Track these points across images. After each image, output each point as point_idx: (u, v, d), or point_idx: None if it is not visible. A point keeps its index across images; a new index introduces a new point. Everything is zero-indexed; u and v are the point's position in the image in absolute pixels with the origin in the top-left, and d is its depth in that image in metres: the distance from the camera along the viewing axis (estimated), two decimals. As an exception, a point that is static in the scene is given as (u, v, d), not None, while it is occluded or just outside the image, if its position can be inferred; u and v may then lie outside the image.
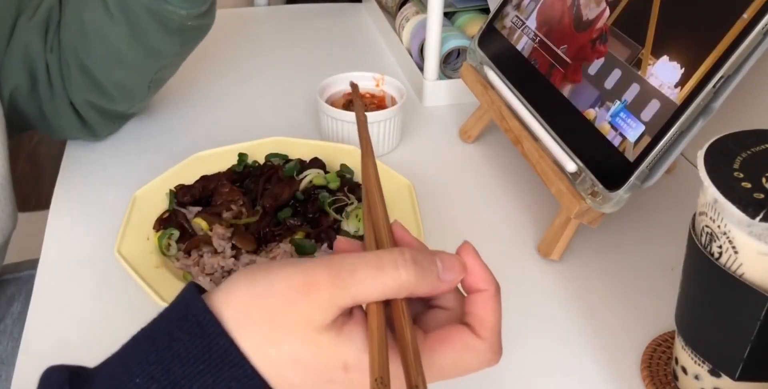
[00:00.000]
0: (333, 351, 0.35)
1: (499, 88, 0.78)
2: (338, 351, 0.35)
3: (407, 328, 0.36)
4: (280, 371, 0.36)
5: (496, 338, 0.39)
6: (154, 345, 0.36)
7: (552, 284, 0.68)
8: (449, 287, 0.38)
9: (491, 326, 0.39)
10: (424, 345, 0.37)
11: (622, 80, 0.65)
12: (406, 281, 0.36)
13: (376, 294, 0.36)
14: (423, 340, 0.38)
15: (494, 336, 0.39)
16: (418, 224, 0.68)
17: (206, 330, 0.35)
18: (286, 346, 0.35)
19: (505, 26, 0.82)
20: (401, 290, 0.36)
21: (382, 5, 1.17)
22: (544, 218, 0.75)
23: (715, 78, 0.57)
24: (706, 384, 0.53)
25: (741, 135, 0.50)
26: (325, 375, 0.36)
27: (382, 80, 0.89)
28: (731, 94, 0.59)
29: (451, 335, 0.38)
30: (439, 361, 0.37)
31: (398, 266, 0.36)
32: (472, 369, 0.38)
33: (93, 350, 0.38)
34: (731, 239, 0.46)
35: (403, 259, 0.36)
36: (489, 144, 0.88)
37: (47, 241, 0.71)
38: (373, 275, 0.35)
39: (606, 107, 0.66)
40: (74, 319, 0.63)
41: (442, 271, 0.38)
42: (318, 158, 0.76)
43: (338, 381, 0.36)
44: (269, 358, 0.35)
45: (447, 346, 0.38)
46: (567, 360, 0.61)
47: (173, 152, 0.83)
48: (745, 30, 0.56)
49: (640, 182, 0.62)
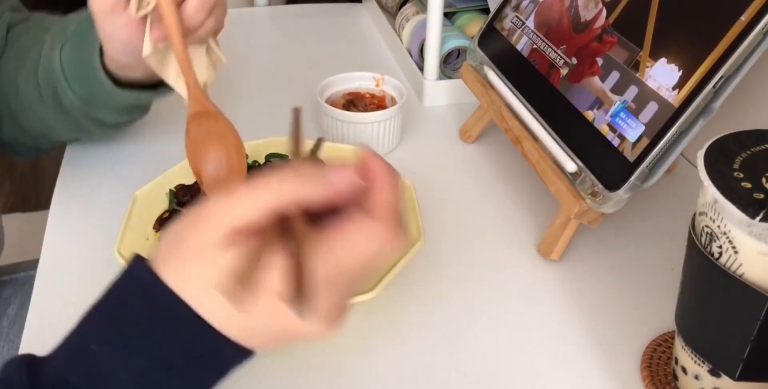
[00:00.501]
0: (228, 265, 0.36)
1: (499, 88, 0.78)
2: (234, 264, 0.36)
3: (299, 242, 0.37)
4: (202, 301, 0.37)
5: (391, 217, 0.38)
6: (105, 311, 0.38)
7: (552, 284, 0.68)
8: (343, 189, 0.38)
9: (382, 205, 0.38)
10: (322, 240, 0.37)
11: (621, 82, 0.65)
12: (288, 190, 0.37)
13: (260, 206, 0.36)
14: (322, 237, 0.37)
15: (388, 215, 0.38)
16: (418, 224, 0.68)
17: (150, 288, 0.37)
18: (194, 275, 0.37)
19: (504, 27, 0.82)
20: (287, 200, 0.37)
21: (382, 5, 1.17)
22: (544, 218, 0.75)
23: (715, 78, 0.57)
24: (706, 384, 0.53)
25: (741, 135, 0.50)
26: None
27: (382, 80, 0.89)
28: (731, 94, 0.59)
29: (345, 223, 0.38)
30: (337, 251, 0.37)
31: (280, 178, 0.37)
32: (371, 252, 0.37)
33: (93, 350, 0.38)
34: (731, 239, 0.46)
35: (283, 172, 0.37)
36: (489, 144, 0.88)
37: (47, 241, 0.71)
38: (253, 192, 0.37)
39: (605, 108, 0.66)
40: (74, 319, 0.63)
41: (332, 175, 0.38)
42: (318, 158, 0.76)
43: None
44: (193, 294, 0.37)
45: (340, 233, 0.37)
46: (567, 359, 0.61)
47: (173, 152, 0.82)
48: (744, 30, 0.56)
49: (640, 182, 0.62)
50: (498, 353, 0.61)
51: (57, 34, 0.70)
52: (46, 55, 0.70)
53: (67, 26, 0.70)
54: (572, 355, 0.61)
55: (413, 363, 0.60)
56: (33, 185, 2.02)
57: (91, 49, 0.66)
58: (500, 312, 0.65)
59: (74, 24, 0.69)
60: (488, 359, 0.61)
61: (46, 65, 0.70)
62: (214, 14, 0.61)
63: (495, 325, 0.64)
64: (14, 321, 0.81)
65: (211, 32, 0.63)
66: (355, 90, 0.89)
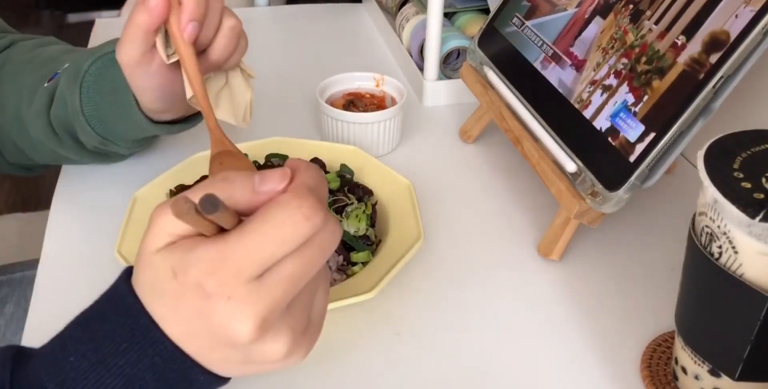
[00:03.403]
0: (162, 264, 0.37)
1: (499, 88, 0.78)
2: (165, 261, 0.37)
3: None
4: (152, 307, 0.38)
5: (305, 193, 0.37)
6: (87, 326, 0.39)
7: (552, 285, 0.68)
8: (269, 196, 0.38)
9: (296, 184, 0.38)
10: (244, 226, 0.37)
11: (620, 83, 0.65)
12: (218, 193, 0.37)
13: None
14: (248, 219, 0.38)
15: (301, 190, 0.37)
16: (418, 224, 0.68)
17: (129, 310, 0.39)
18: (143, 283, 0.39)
19: (504, 27, 0.82)
20: None
21: (382, 5, 1.17)
22: (544, 218, 0.75)
23: (715, 78, 0.57)
24: (706, 384, 0.53)
25: (741, 135, 0.50)
26: (161, 289, 0.38)
27: (382, 80, 0.89)
28: (731, 94, 0.59)
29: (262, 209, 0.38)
30: (258, 227, 0.37)
31: (207, 184, 0.38)
32: (289, 225, 0.37)
33: (93, 350, 0.38)
34: (731, 239, 0.46)
35: (213, 179, 0.38)
36: (489, 144, 0.88)
37: (47, 241, 0.71)
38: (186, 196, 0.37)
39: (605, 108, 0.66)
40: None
41: (258, 183, 0.38)
42: (318, 158, 0.76)
43: (170, 290, 0.37)
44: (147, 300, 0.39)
45: (260, 210, 0.37)
46: (567, 359, 0.61)
47: (173, 152, 0.82)
48: (744, 30, 0.56)
49: (640, 182, 0.62)
50: (498, 353, 0.61)
51: (70, 74, 0.69)
52: (62, 91, 0.69)
53: (79, 64, 0.68)
54: (572, 355, 0.61)
55: (413, 363, 0.60)
56: (33, 185, 2.02)
57: (122, 99, 0.66)
58: (500, 312, 0.65)
59: (88, 62, 0.68)
60: (488, 359, 0.61)
61: (61, 103, 0.69)
62: (240, 45, 0.63)
63: (495, 325, 0.64)
64: (11, 320, 0.81)
65: (240, 58, 0.65)
66: (355, 90, 0.89)
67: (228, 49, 0.62)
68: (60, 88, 0.68)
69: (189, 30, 0.57)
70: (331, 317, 0.63)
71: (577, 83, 0.70)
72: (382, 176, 0.75)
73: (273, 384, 0.58)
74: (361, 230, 0.68)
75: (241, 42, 0.63)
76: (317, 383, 0.59)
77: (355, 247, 0.67)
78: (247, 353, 0.38)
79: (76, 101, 0.67)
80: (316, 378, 0.59)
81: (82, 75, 0.67)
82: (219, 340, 0.37)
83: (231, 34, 0.61)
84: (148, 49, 0.60)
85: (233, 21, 0.61)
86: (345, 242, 0.67)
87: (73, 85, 0.67)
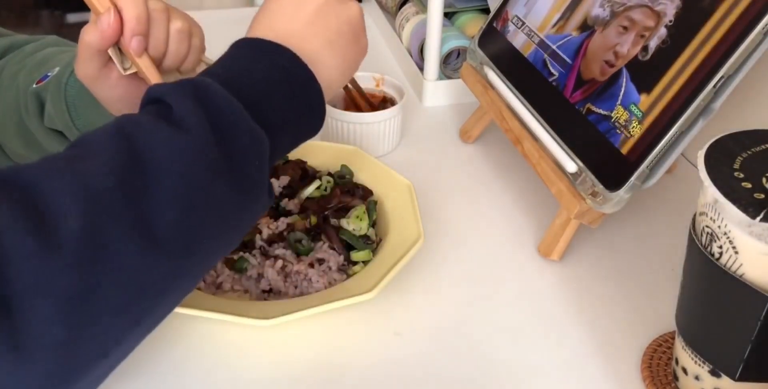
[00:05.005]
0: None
1: (499, 88, 0.78)
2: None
3: None
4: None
5: None
6: (229, 60, 0.54)
7: (552, 285, 0.68)
8: None
9: None
10: None
11: (622, 80, 0.65)
12: None
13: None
14: None
15: None
16: (418, 224, 0.68)
17: (262, 43, 0.54)
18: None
19: (504, 26, 0.82)
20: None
21: (382, 5, 1.17)
22: (544, 218, 0.75)
23: (715, 78, 0.57)
24: (707, 385, 0.53)
25: (741, 135, 0.50)
26: None
27: (382, 80, 0.89)
28: (731, 95, 0.59)
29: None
30: None
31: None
32: None
33: (93, 350, 0.38)
34: (731, 240, 0.46)
35: None
36: (489, 144, 0.88)
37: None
38: None
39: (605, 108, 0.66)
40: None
41: None
42: (300, 159, 0.75)
43: None
44: None
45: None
46: (567, 360, 0.61)
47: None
48: (744, 30, 0.56)
49: (641, 182, 0.62)
50: (498, 353, 0.61)
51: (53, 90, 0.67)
52: (49, 111, 0.68)
53: (59, 78, 0.67)
54: (572, 355, 0.61)
55: (413, 363, 0.60)
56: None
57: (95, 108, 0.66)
58: (500, 312, 0.65)
59: (66, 75, 0.66)
60: (488, 359, 0.61)
61: (50, 120, 0.68)
62: (193, 41, 0.63)
63: (495, 325, 0.64)
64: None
65: (198, 54, 0.64)
66: (355, 90, 0.89)
67: (180, 52, 0.61)
68: (47, 108, 0.68)
69: (134, 45, 0.57)
70: (332, 317, 0.63)
71: (577, 83, 0.70)
72: (382, 176, 0.75)
73: (273, 383, 0.58)
74: (362, 230, 0.68)
75: (194, 41, 0.63)
76: (317, 383, 0.58)
77: (355, 246, 0.67)
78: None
79: (65, 117, 0.66)
80: (316, 377, 0.59)
81: (63, 88, 0.66)
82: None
83: (180, 37, 0.61)
84: (104, 64, 0.59)
85: (179, 24, 0.60)
86: (345, 242, 0.67)
87: (58, 102, 0.67)
